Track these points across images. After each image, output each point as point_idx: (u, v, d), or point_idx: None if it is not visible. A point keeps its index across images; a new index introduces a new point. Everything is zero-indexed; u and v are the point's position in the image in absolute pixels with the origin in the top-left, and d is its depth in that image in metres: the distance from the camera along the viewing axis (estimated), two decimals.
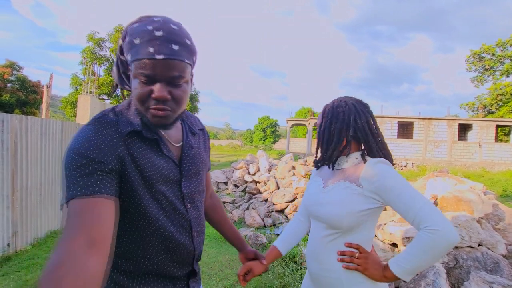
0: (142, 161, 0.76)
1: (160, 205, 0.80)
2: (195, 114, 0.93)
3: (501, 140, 22.57)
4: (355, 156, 1.11)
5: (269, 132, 45.45)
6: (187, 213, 0.86)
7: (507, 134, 22.58)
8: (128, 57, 0.70)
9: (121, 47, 0.76)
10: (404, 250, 0.96)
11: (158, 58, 0.67)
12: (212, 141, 46.38)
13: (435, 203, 2.97)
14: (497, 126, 20.14)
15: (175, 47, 0.69)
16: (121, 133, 0.74)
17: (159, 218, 0.80)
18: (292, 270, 3.03)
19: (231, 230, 1.17)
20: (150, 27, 0.68)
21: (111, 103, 18.47)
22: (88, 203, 0.62)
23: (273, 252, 1.22)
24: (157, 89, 0.70)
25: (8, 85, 25.00)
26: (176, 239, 0.83)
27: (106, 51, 21.37)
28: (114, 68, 0.83)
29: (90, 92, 10.47)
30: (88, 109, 6.41)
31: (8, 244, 3.56)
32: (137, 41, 0.68)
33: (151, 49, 0.67)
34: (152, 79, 0.69)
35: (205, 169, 0.97)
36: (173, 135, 0.87)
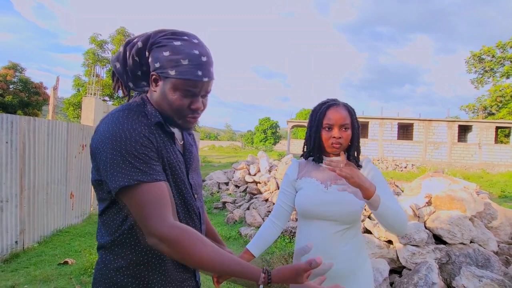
0: (165, 150, 0.86)
1: (180, 193, 0.90)
2: None
3: (501, 142, 22.62)
4: (345, 156, 1.25)
5: (270, 133, 45.58)
6: (195, 202, 0.96)
7: (507, 136, 22.65)
8: (172, 72, 0.81)
9: (139, 50, 0.85)
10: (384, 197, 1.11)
11: (204, 81, 0.83)
12: (212, 142, 46.45)
13: (430, 202, 3.08)
14: (497, 128, 20.19)
15: (212, 69, 0.86)
16: (151, 121, 0.85)
17: (180, 205, 0.89)
18: None
19: (210, 231, 1.18)
20: (196, 52, 0.82)
21: (113, 104, 18.60)
22: (159, 187, 0.77)
23: (246, 255, 1.24)
24: (197, 102, 0.86)
25: (11, 86, 25.18)
26: (191, 225, 0.92)
27: (108, 53, 21.55)
28: (117, 64, 0.87)
29: (94, 94, 10.59)
30: (92, 110, 6.53)
31: (16, 242, 3.67)
32: (185, 61, 0.81)
33: (199, 73, 0.82)
34: (194, 94, 0.84)
35: (199, 165, 1.09)
36: (177, 133, 0.97)
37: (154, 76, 0.85)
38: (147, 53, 0.85)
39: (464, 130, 20.57)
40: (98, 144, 0.78)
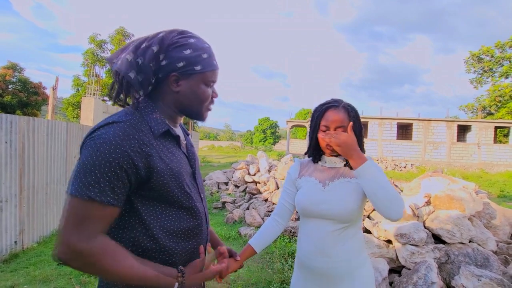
0: (169, 158, 0.85)
1: (189, 196, 0.89)
2: None
3: (500, 142, 22.67)
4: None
5: (269, 133, 45.58)
6: (202, 202, 0.97)
7: (506, 135, 22.69)
8: (197, 67, 0.86)
9: (155, 54, 0.82)
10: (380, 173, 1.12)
11: (218, 69, 0.93)
12: (212, 142, 46.48)
13: (429, 202, 3.08)
14: (496, 128, 20.23)
15: None
16: (154, 133, 0.82)
17: (191, 207, 0.90)
18: (291, 265, 3.14)
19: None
20: (206, 45, 0.90)
21: (112, 104, 18.57)
22: (107, 211, 0.75)
23: (248, 250, 1.25)
24: (215, 90, 0.96)
25: (10, 86, 25.11)
26: (201, 226, 0.93)
27: (107, 53, 21.50)
28: (133, 74, 0.81)
29: (94, 94, 10.58)
30: (92, 110, 6.52)
31: (16, 242, 3.67)
32: (205, 55, 0.88)
33: (215, 62, 0.91)
34: (213, 83, 0.93)
35: (199, 165, 1.09)
36: (180, 135, 0.97)
37: (174, 77, 0.86)
38: (161, 55, 0.83)
39: (463, 130, 20.61)
40: (83, 145, 0.78)
